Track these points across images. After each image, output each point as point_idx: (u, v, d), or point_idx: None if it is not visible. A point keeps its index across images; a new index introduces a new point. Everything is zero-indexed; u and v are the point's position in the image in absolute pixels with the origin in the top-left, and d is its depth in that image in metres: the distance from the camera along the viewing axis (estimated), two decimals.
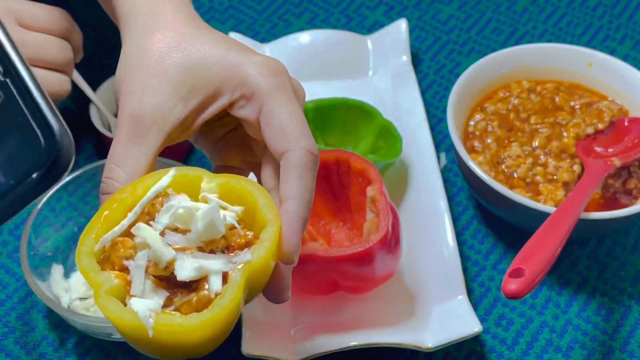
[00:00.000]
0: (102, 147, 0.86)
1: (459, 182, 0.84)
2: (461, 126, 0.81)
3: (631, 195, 0.76)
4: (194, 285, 0.46)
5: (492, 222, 0.81)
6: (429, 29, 1.00)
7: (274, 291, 0.50)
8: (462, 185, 0.84)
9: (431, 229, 0.75)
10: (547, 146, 0.79)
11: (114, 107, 0.85)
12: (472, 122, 0.82)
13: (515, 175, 0.78)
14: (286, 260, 0.49)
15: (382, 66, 0.92)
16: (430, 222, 0.76)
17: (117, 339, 0.69)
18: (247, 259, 0.46)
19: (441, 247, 0.74)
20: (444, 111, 0.86)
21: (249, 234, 0.48)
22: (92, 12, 0.97)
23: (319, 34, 0.94)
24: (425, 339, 0.67)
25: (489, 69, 0.84)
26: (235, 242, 0.47)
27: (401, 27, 0.94)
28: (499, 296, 0.75)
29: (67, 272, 0.74)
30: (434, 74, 0.95)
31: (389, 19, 1.00)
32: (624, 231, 0.80)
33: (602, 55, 0.84)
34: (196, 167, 0.50)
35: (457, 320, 0.68)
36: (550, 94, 0.84)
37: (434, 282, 0.72)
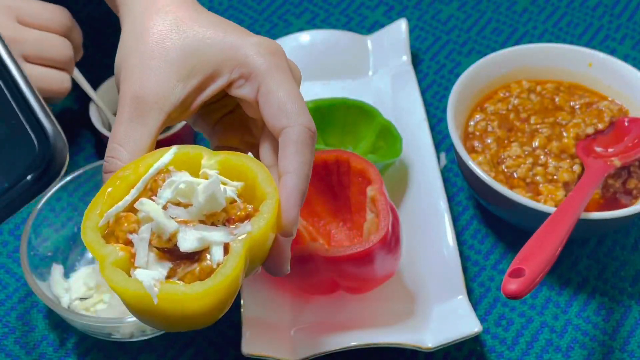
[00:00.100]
0: (102, 147, 0.86)
1: (459, 182, 0.84)
2: (461, 126, 0.81)
3: (631, 195, 0.76)
4: (196, 256, 0.47)
5: (492, 222, 0.81)
6: (429, 29, 1.00)
7: (273, 264, 0.51)
8: (462, 185, 0.84)
9: (431, 229, 0.75)
10: (547, 146, 0.79)
11: (115, 106, 0.85)
12: (472, 122, 0.82)
13: (515, 175, 0.78)
14: (285, 232, 0.50)
15: (382, 66, 0.92)
16: (430, 222, 0.76)
17: (117, 339, 0.70)
18: (247, 230, 0.48)
19: (441, 247, 0.74)
20: (444, 111, 0.86)
21: (249, 207, 0.49)
22: (92, 12, 0.97)
23: (319, 34, 0.94)
24: (425, 339, 0.67)
25: (489, 69, 0.84)
26: (235, 214, 0.48)
27: (401, 27, 0.94)
28: (499, 296, 0.75)
29: (67, 272, 0.74)
30: (434, 74, 0.95)
31: (389, 19, 1.00)
32: (624, 231, 0.80)
33: (602, 55, 0.84)
34: (197, 145, 0.52)
35: (457, 320, 0.68)
36: (550, 94, 0.84)
37: (434, 282, 0.72)
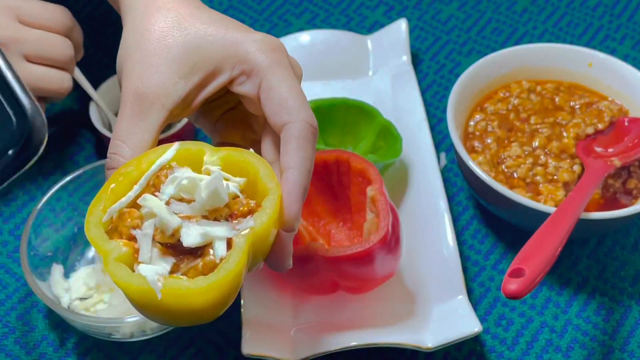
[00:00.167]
0: (102, 146, 0.86)
1: (459, 182, 0.84)
2: (461, 126, 0.81)
3: (631, 195, 0.76)
4: (199, 251, 0.47)
5: (492, 222, 0.81)
6: (429, 29, 1.00)
7: (276, 259, 0.51)
8: (462, 185, 0.84)
9: (431, 229, 0.75)
10: (547, 146, 0.79)
11: (115, 106, 0.85)
12: (472, 122, 0.82)
13: (515, 175, 0.78)
14: (287, 227, 0.50)
15: (382, 66, 0.92)
16: (430, 222, 0.76)
17: (117, 339, 0.70)
18: (250, 225, 0.48)
19: (441, 247, 0.74)
20: (444, 111, 0.86)
21: (252, 202, 0.49)
22: (92, 12, 0.97)
23: (319, 34, 0.94)
24: (425, 339, 0.67)
25: (489, 69, 0.84)
26: (238, 210, 0.49)
27: (401, 27, 0.94)
28: (499, 296, 0.75)
29: (67, 272, 0.74)
30: (434, 74, 0.95)
31: (389, 19, 1.00)
32: (624, 231, 0.80)
33: (602, 55, 0.84)
34: (199, 142, 0.52)
35: (457, 320, 0.68)
36: (550, 94, 0.84)
37: (434, 282, 0.72)
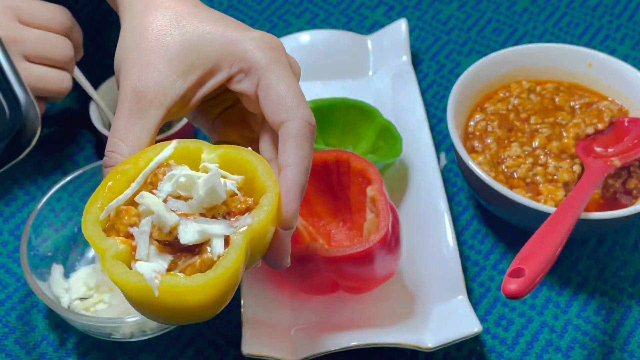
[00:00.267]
0: (102, 146, 0.86)
1: (459, 182, 0.84)
2: (461, 126, 0.81)
3: (631, 195, 0.76)
4: (197, 249, 0.47)
5: (492, 222, 0.81)
6: (429, 29, 1.00)
7: (274, 257, 0.51)
8: (462, 185, 0.84)
9: (431, 229, 0.75)
10: (547, 146, 0.79)
11: (115, 106, 0.85)
12: (472, 122, 0.82)
13: (515, 175, 0.78)
14: (285, 225, 0.50)
15: (382, 66, 0.92)
16: (430, 222, 0.76)
17: (117, 339, 0.70)
18: (247, 222, 0.48)
19: (441, 247, 0.74)
20: (444, 111, 0.86)
21: (249, 200, 0.49)
22: (92, 12, 0.97)
23: (319, 34, 0.94)
24: (425, 339, 0.67)
25: (489, 69, 0.84)
26: (235, 207, 0.49)
27: (401, 27, 0.94)
28: (499, 296, 0.75)
29: (67, 272, 0.74)
30: (434, 74, 0.95)
31: (389, 19, 1.00)
32: (624, 231, 0.80)
33: (602, 55, 0.84)
34: (197, 140, 0.52)
35: (457, 320, 0.68)
36: (550, 94, 0.84)
37: (434, 282, 0.72)
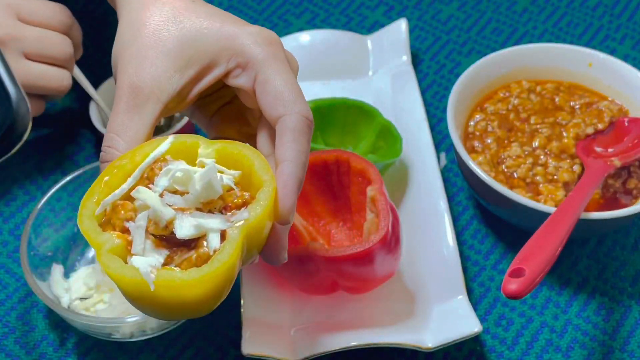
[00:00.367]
0: (101, 146, 0.86)
1: (459, 182, 0.84)
2: (461, 126, 0.81)
3: (631, 195, 0.76)
4: (193, 244, 0.47)
5: (492, 222, 0.81)
6: (429, 29, 1.00)
7: (270, 252, 0.51)
8: (462, 185, 0.84)
9: (431, 229, 0.75)
10: (547, 146, 0.79)
11: None
12: (472, 122, 0.82)
13: (515, 175, 0.78)
14: (282, 220, 0.50)
15: (382, 66, 0.92)
16: (430, 222, 0.76)
17: (117, 339, 0.70)
18: (244, 217, 0.48)
19: (441, 247, 0.74)
20: (444, 111, 0.86)
21: (246, 194, 0.49)
22: (92, 12, 0.97)
23: (319, 34, 0.94)
24: (425, 339, 0.67)
25: (489, 69, 0.84)
26: (232, 202, 0.49)
27: (401, 27, 0.94)
28: (499, 296, 0.75)
29: (67, 272, 0.74)
30: (434, 74, 0.95)
31: (389, 19, 1.00)
32: (624, 231, 0.80)
33: (602, 55, 0.84)
34: (194, 135, 0.52)
35: (457, 320, 0.68)
36: (550, 94, 0.84)
37: (434, 282, 0.72)
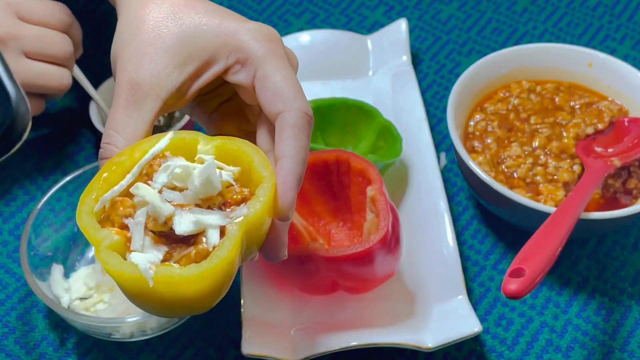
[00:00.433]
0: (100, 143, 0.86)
1: (459, 182, 0.85)
2: (461, 126, 0.81)
3: (631, 195, 0.76)
4: (192, 240, 0.47)
5: (492, 222, 0.81)
6: (429, 29, 1.00)
7: (270, 249, 0.51)
8: (462, 185, 0.84)
9: (431, 229, 0.75)
10: (547, 146, 0.79)
11: None
12: (472, 122, 0.82)
13: (515, 175, 0.78)
14: (282, 216, 0.50)
15: (382, 66, 0.92)
16: (430, 222, 0.76)
17: (117, 339, 0.70)
18: (243, 213, 0.47)
19: (441, 247, 0.74)
20: (444, 111, 0.86)
21: (245, 190, 0.49)
22: (92, 11, 0.98)
23: (319, 34, 0.94)
24: (425, 339, 0.67)
25: (489, 69, 0.84)
26: (231, 198, 0.48)
27: (401, 27, 0.94)
28: (499, 296, 0.75)
29: (67, 272, 0.74)
30: (434, 74, 0.95)
31: (389, 19, 1.00)
32: (624, 231, 0.80)
33: (602, 55, 0.84)
34: (193, 131, 0.52)
35: (457, 320, 0.68)
36: (550, 94, 0.84)
37: (434, 282, 0.72)
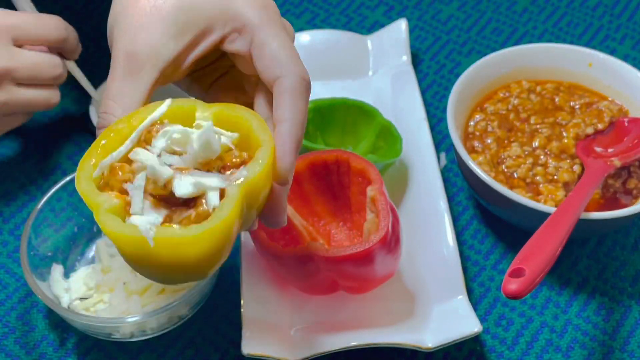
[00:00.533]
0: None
1: (459, 182, 0.85)
2: (461, 126, 0.81)
3: (631, 195, 0.76)
4: (192, 203, 0.47)
5: (492, 222, 0.81)
6: (429, 29, 1.00)
7: (270, 214, 0.52)
8: (462, 185, 0.84)
9: (431, 229, 0.75)
10: (547, 146, 0.79)
11: None
12: (472, 122, 0.82)
13: (515, 175, 0.78)
14: (281, 180, 0.50)
15: (382, 66, 0.92)
16: (430, 222, 0.76)
17: (117, 339, 0.70)
18: (243, 175, 0.47)
19: (441, 247, 0.74)
20: (444, 111, 0.87)
21: (244, 154, 0.49)
22: (93, 11, 0.98)
23: (319, 34, 0.94)
24: (425, 338, 0.67)
25: (489, 69, 0.84)
26: (231, 161, 0.48)
27: (401, 27, 0.94)
28: (499, 296, 0.75)
29: (67, 272, 0.74)
30: (434, 74, 0.95)
31: (389, 19, 1.00)
32: (623, 231, 0.80)
33: (602, 55, 0.84)
34: (191, 99, 0.52)
35: (457, 320, 0.68)
36: (550, 94, 0.84)
37: (433, 282, 0.72)
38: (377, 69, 0.92)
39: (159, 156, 0.48)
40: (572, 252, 0.78)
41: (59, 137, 0.87)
